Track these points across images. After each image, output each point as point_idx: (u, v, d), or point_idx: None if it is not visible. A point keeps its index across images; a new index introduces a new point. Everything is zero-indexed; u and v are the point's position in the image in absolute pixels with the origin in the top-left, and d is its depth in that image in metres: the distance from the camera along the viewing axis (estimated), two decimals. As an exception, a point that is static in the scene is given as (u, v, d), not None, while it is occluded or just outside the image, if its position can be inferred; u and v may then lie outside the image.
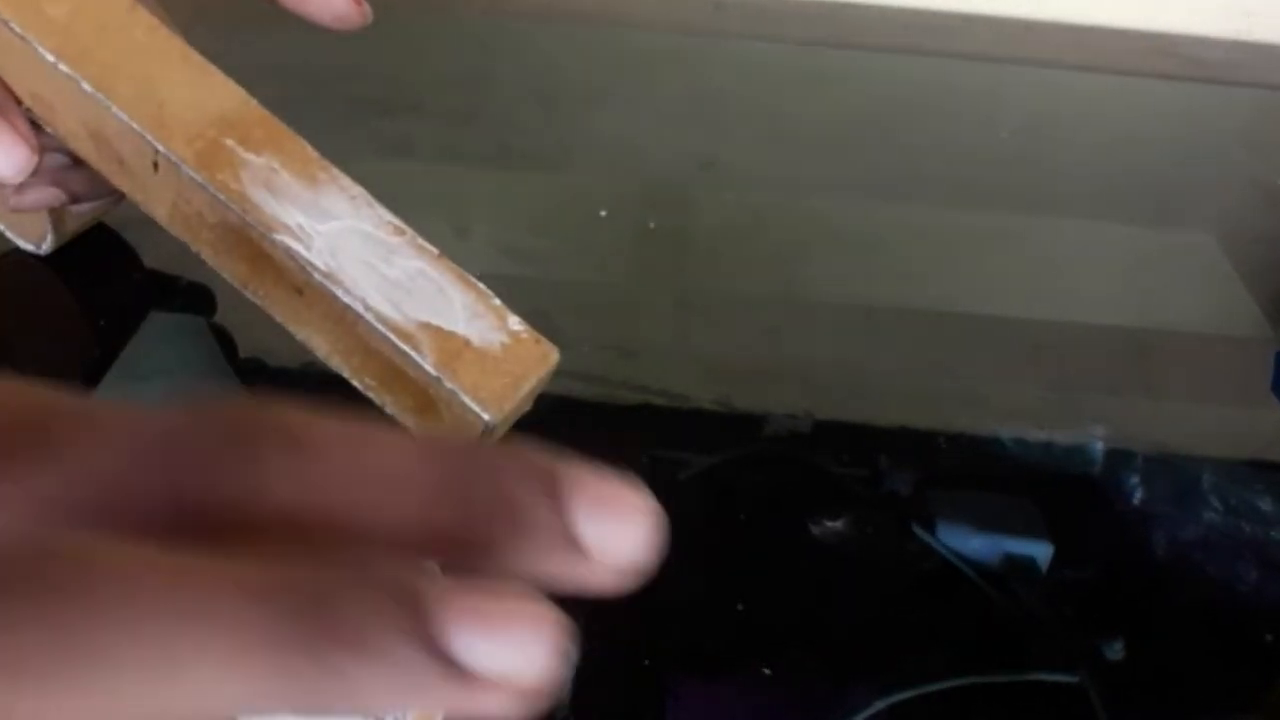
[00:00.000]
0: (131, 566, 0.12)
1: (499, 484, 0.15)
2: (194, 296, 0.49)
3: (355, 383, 0.34)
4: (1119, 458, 0.50)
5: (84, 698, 0.12)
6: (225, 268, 0.35)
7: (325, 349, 0.34)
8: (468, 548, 0.15)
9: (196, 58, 0.34)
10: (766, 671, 0.40)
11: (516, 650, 0.14)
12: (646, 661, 0.40)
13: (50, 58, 0.32)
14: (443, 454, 0.15)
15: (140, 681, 0.12)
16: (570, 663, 0.15)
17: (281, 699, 0.13)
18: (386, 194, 0.37)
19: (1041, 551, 0.45)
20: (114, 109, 0.32)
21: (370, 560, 0.14)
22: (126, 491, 0.14)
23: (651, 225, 0.60)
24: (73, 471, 0.14)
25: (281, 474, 0.14)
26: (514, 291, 0.36)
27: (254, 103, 0.35)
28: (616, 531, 0.15)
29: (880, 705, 0.39)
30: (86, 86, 0.32)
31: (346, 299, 0.32)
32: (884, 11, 0.81)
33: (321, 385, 0.35)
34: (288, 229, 0.32)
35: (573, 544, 0.15)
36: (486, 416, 0.32)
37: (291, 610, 0.13)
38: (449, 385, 0.31)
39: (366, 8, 0.37)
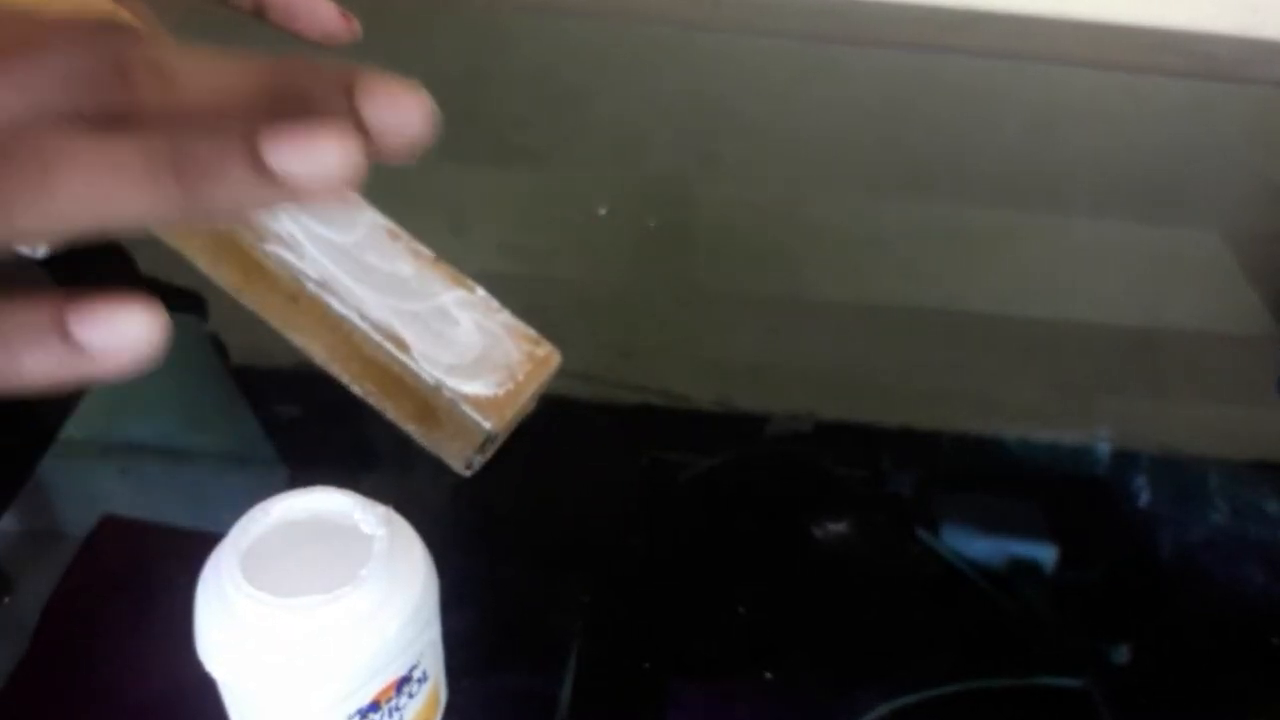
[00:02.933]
0: (70, 142, 0.21)
1: (307, 85, 0.22)
2: (189, 299, 0.48)
3: (355, 389, 0.34)
4: (1124, 459, 0.49)
5: (45, 218, 0.20)
6: (218, 276, 0.34)
7: (323, 355, 0.33)
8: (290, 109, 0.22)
9: None
10: (768, 675, 0.40)
11: (312, 151, 0.21)
12: (647, 665, 0.40)
13: None
14: (268, 67, 0.22)
15: (79, 203, 0.20)
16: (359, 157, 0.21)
17: (166, 211, 0.21)
18: (382, 192, 0.37)
19: (1046, 554, 0.45)
20: None
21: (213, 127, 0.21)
22: (55, 101, 0.21)
23: (651, 223, 0.60)
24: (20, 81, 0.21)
25: (153, 96, 0.21)
26: (512, 290, 0.35)
27: None
28: (394, 115, 0.22)
29: (883, 709, 0.39)
30: None
31: (341, 309, 0.31)
32: (888, 7, 0.81)
33: (320, 386, 0.35)
34: (279, 238, 0.32)
35: (360, 126, 0.22)
36: (487, 425, 0.31)
37: (166, 155, 0.21)
38: (448, 395, 0.31)
39: (355, 25, 0.37)
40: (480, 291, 0.34)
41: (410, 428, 0.33)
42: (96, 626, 0.39)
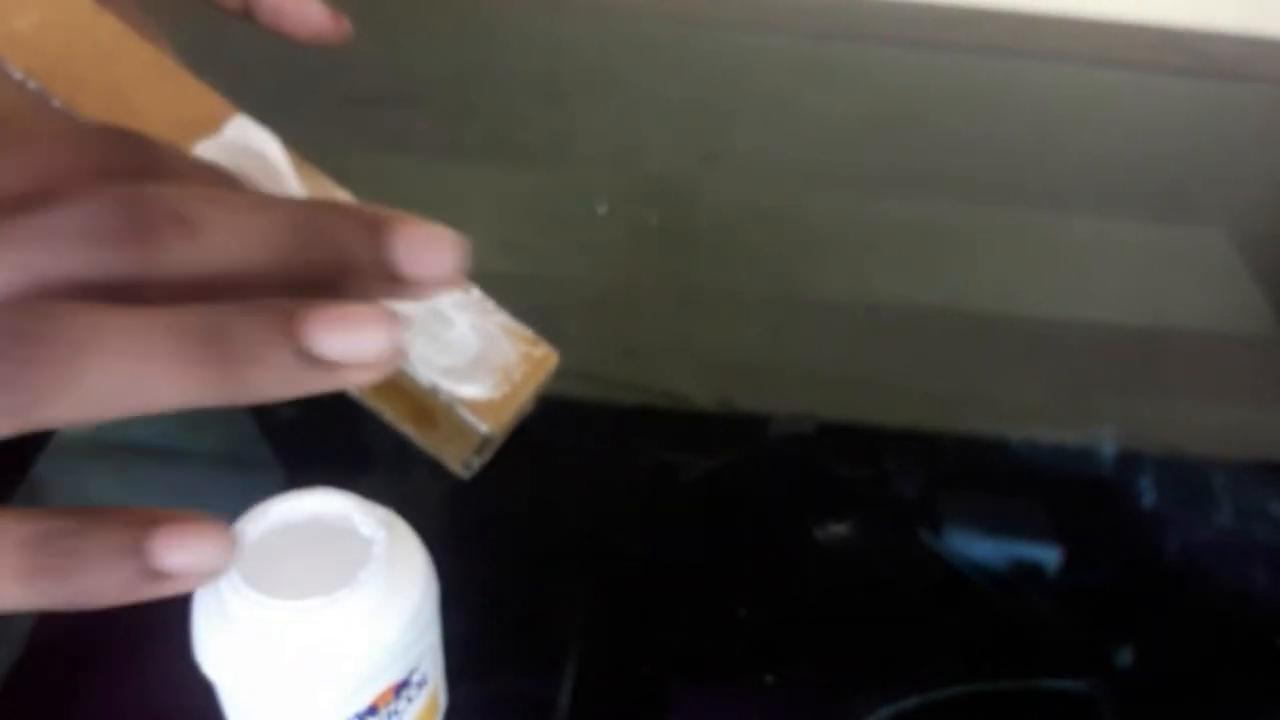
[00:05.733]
0: (98, 322, 0.19)
1: (336, 234, 0.22)
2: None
3: (351, 390, 0.33)
4: (1129, 460, 0.49)
5: (74, 409, 0.19)
6: None
7: None
8: (317, 284, 0.21)
9: (168, 62, 0.33)
10: (769, 678, 0.39)
11: (356, 337, 0.21)
12: (647, 667, 0.39)
13: (19, 75, 0.31)
14: (295, 214, 0.21)
15: (110, 391, 0.19)
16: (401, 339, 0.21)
17: (203, 398, 0.20)
18: (380, 189, 0.36)
19: (1049, 555, 0.45)
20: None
21: (248, 300, 0.21)
22: (70, 263, 0.20)
23: (652, 221, 0.60)
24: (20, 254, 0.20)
25: (177, 253, 0.20)
26: (511, 289, 0.35)
27: (226, 106, 0.34)
28: (426, 258, 0.22)
29: (885, 712, 0.38)
30: (56, 103, 0.31)
31: None
32: (891, 4, 0.80)
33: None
34: None
35: (390, 273, 0.22)
36: (484, 429, 0.31)
37: (202, 338, 0.20)
38: (444, 397, 0.31)
39: (345, 24, 0.37)
40: (476, 292, 0.34)
41: (407, 430, 0.32)
42: (92, 628, 0.39)
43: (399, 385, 0.31)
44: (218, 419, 0.48)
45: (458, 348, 0.32)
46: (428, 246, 0.22)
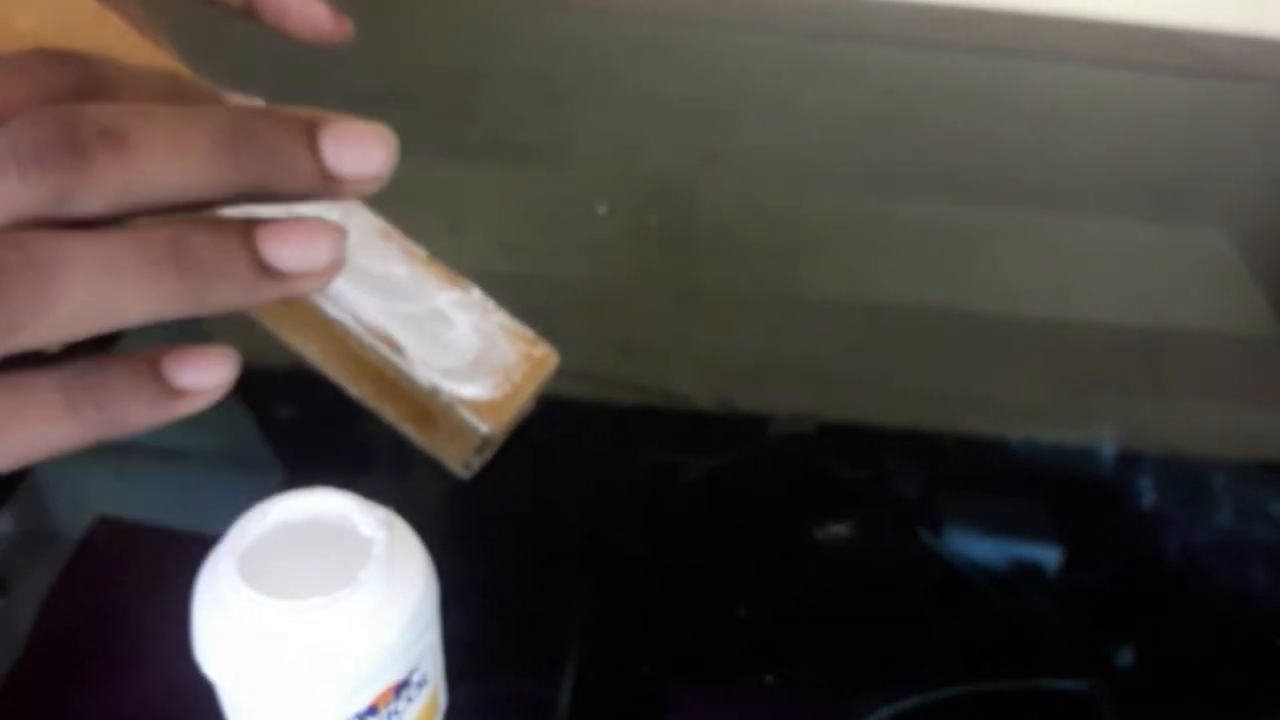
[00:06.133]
0: (66, 246, 0.21)
1: (268, 138, 0.22)
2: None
3: (351, 391, 0.33)
4: (1129, 460, 0.49)
5: (50, 329, 0.20)
6: None
7: (318, 358, 0.33)
8: (253, 188, 0.22)
9: (168, 61, 0.33)
10: (769, 678, 0.39)
11: (307, 247, 0.22)
12: (647, 667, 0.39)
13: None
14: (228, 121, 0.22)
15: (82, 309, 0.21)
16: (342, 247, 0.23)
17: (168, 310, 0.21)
18: (381, 190, 0.36)
19: (1050, 556, 0.45)
20: None
21: (198, 213, 0.22)
22: (13, 190, 0.21)
23: (652, 221, 0.60)
24: None
25: (113, 169, 0.21)
26: (510, 289, 0.35)
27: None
28: (357, 154, 0.23)
29: (885, 713, 0.38)
30: None
31: (335, 313, 0.31)
32: (891, 4, 0.80)
33: (317, 387, 0.34)
34: None
35: (323, 172, 0.23)
36: (484, 429, 0.31)
37: (166, 253, 0.21)
38: (445, 398, 0.31)
39: (348, 24, 0.37)
40: (476, 292, 0.34)
41: (407, 430, 0.32)
42: (92, 628, 0.39)
43: (399, 386, 0.31)
44: (218, 419, 0.48)
45: (458, 348, 0.32)
46: (358, 142, 0.23)
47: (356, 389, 0.33)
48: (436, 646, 0.33)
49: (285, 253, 0.22)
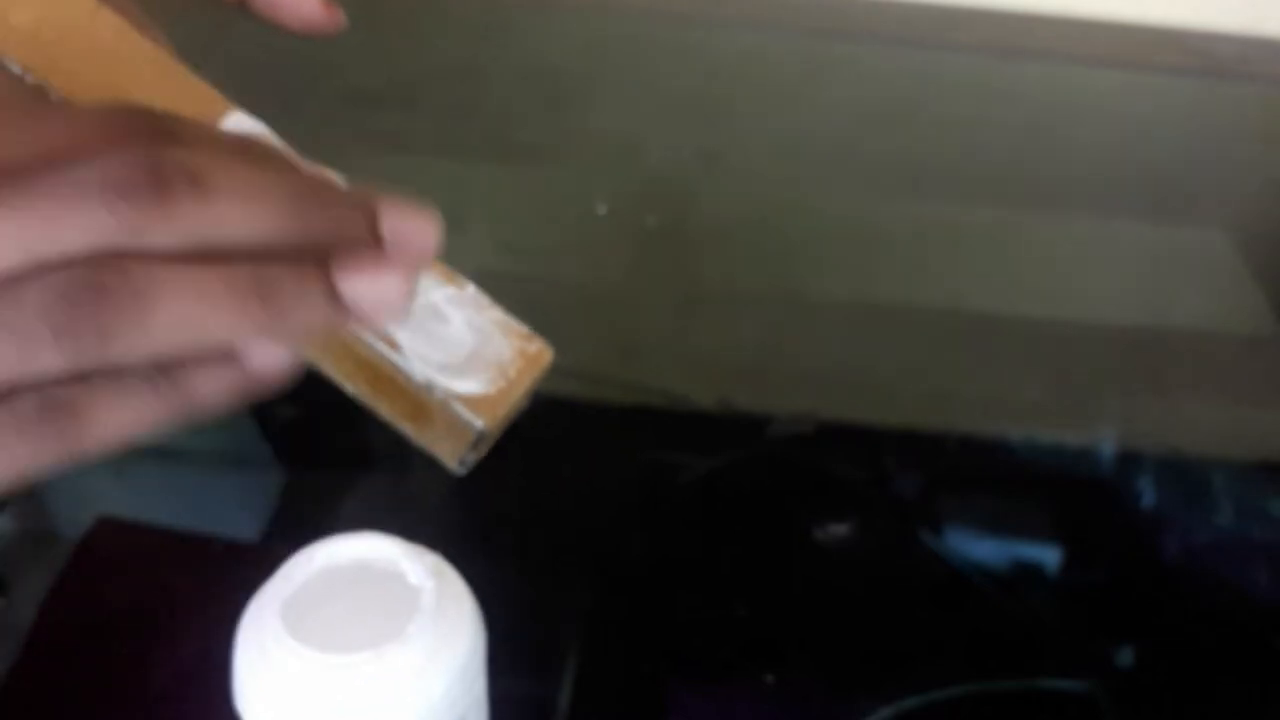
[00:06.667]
0: (158, 271, 0.22)
1: (331, 206, 0.25)
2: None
3: (346, 388, 0.33)
4: (1129, 460, 0.49)
5: (142, 346, 0.22)
6: None
7: (314, 355, 0.33)
8: (311, 249, 0.24)
9: (166, 58, 0.33)
10: (769, 678, 0.39)
11: (380, 284, 0.25)
12: (647, 668, 0.39)
13: (17, 69, 0.31)
14: (298, 185, 0.25)
15: (172, 330, 0.22)
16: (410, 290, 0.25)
17: (248, 334, 0.23)
18: (380, 189, 0.36)
19: (1050, 556, 0.45)
20: None
21: (278, 257, 0.24)
22: (100, 219, 0.22)
23: (651, 222, 0.59)
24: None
25: (191, 211, 0.22)
26: (509, 289, 0.35)
27: (223, 101, 0.34)
28: (414, 230, 0.26)
29: (885, 713, 0.38)
30: (54, 97, 0.31)
31: None
32: (891, 4, 0.80)
33: (316, 387, 0.34)
34: None
35: (379, 242, 0.25)
36: (479, 424, 0.31)
37: (250, 282, 0.23)
38: (439, 393, 0.31)
39: (339, 14, 0.37)
40: (471, 288, 0.34)
41: (402, 427, 0.32)
42: (92, 628, 0.39)
43: (394, 382, 0.31)
44: (218, 419, 0.48)
45: (453, 344, 0.32)
46: (415, 218, 0.26)
47: (351, 385, 0.33)
48: (482, 699, 0.32)
49: (361, 288, 0.24)
